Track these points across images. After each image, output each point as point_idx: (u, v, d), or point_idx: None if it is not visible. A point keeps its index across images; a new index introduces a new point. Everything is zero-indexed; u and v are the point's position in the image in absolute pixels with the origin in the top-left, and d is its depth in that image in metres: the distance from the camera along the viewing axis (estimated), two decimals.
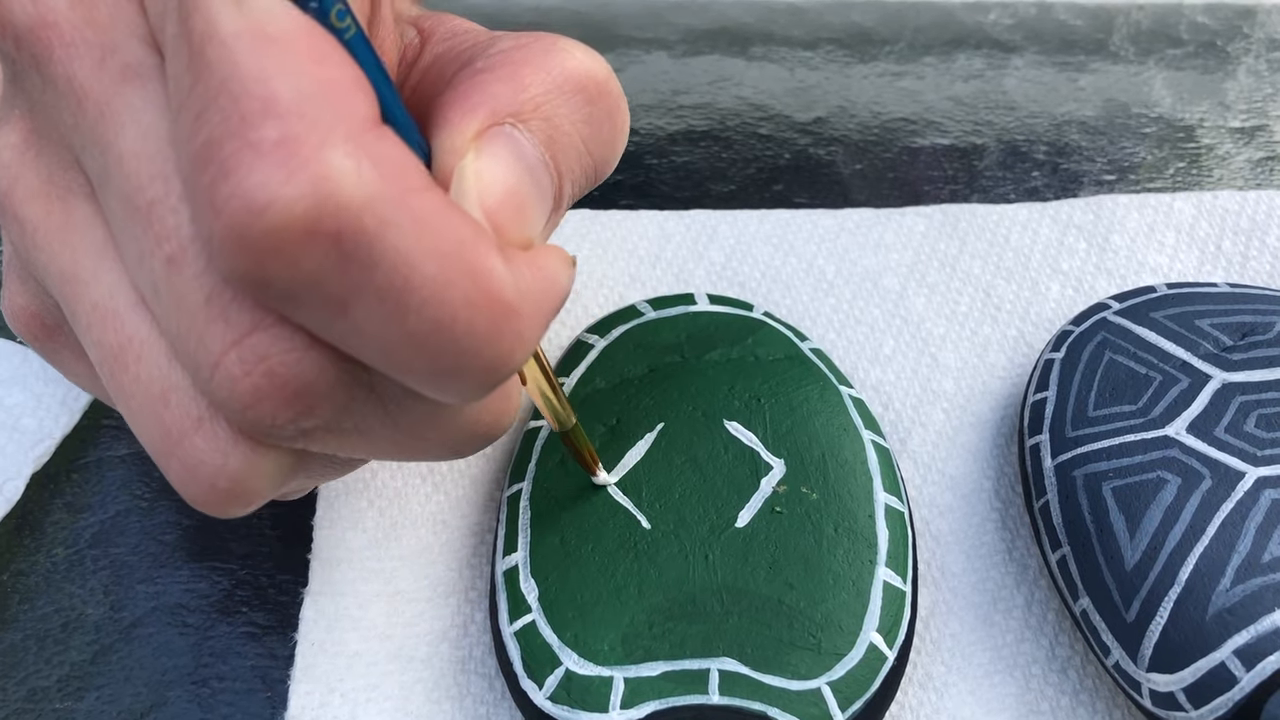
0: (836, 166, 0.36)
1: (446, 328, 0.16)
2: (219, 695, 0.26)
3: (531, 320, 0.17)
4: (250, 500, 0.19)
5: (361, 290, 0.15)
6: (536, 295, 0.17)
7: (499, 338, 0.16)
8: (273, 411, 0.17)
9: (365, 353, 0.16)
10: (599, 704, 0.23)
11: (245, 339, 0.16)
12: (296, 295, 0.15)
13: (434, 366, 0.16)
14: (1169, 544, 0.24)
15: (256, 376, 0.16)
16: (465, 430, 0.20)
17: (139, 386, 0.18)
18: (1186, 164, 0.36)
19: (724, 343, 0.29)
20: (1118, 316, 0.28)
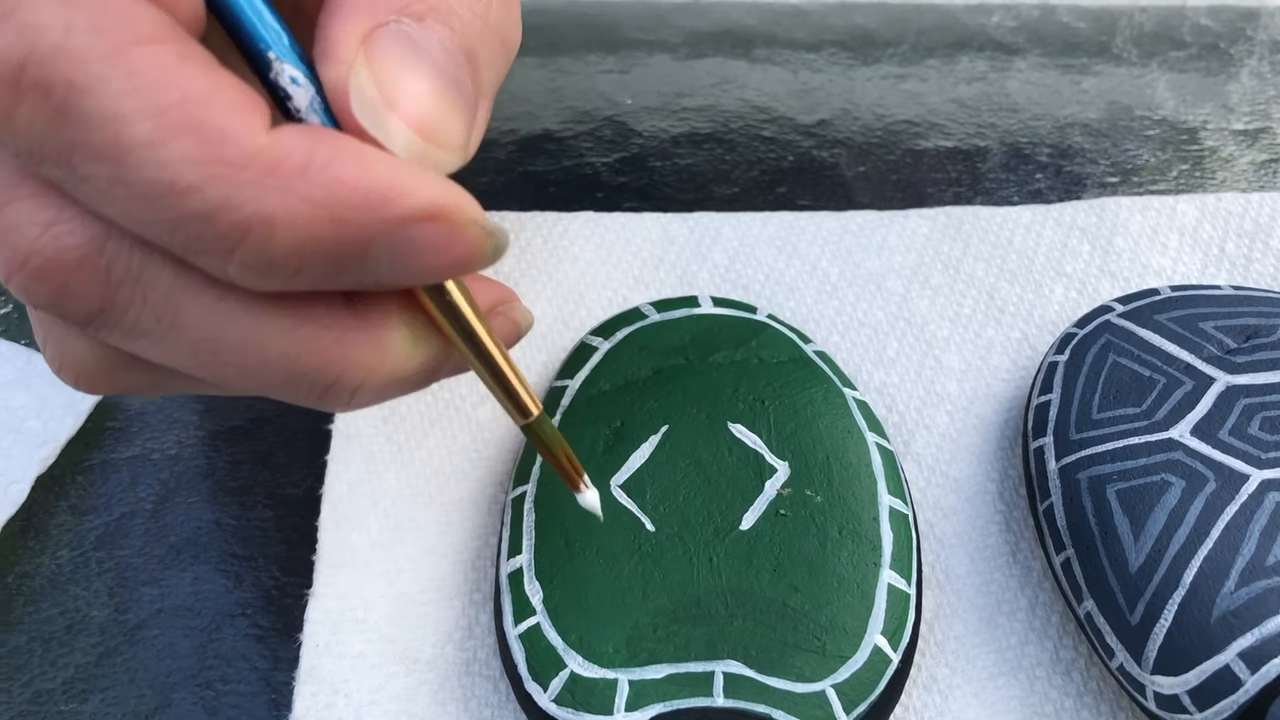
0: (840, 169, 0.36)
1: (170, 190, 0.15)
2: (224, 697, 0.26)
3: (294, 203, 0.15)
4: (84, 380, 0.19)
5: (79, 146, 0.15)
6: (321, 183, 0.15)
7: (232, 203, 0.15)
8: (25, 285, 0.17)
9: (109, 212, 0.16)
10: (603, 706, 0.23)
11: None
12: (22, 147, 0.15)
13: (174, 231, 0.15)
14: (1173, 547, 0.24)
15: (5, 249, 0.16)
16: (274, 360, 0.18)
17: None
18: (1190, 166, 0.36)
19: (728, 345, 0.29)
20: (1121, 319, 0.28)
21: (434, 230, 0.16)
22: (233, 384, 0.19)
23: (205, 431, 0.30)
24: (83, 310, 0.17)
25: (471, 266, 0.17)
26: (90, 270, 0.17)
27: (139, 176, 0.15)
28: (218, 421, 0.30)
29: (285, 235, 0.15)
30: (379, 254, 0.16)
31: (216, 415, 0.30)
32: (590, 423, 0.27)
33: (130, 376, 0.19)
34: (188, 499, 0.29)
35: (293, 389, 0.18)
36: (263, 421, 0.30)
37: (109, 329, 0.17)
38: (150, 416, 0.30)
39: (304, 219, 0.15)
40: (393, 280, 0.17)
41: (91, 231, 0.16)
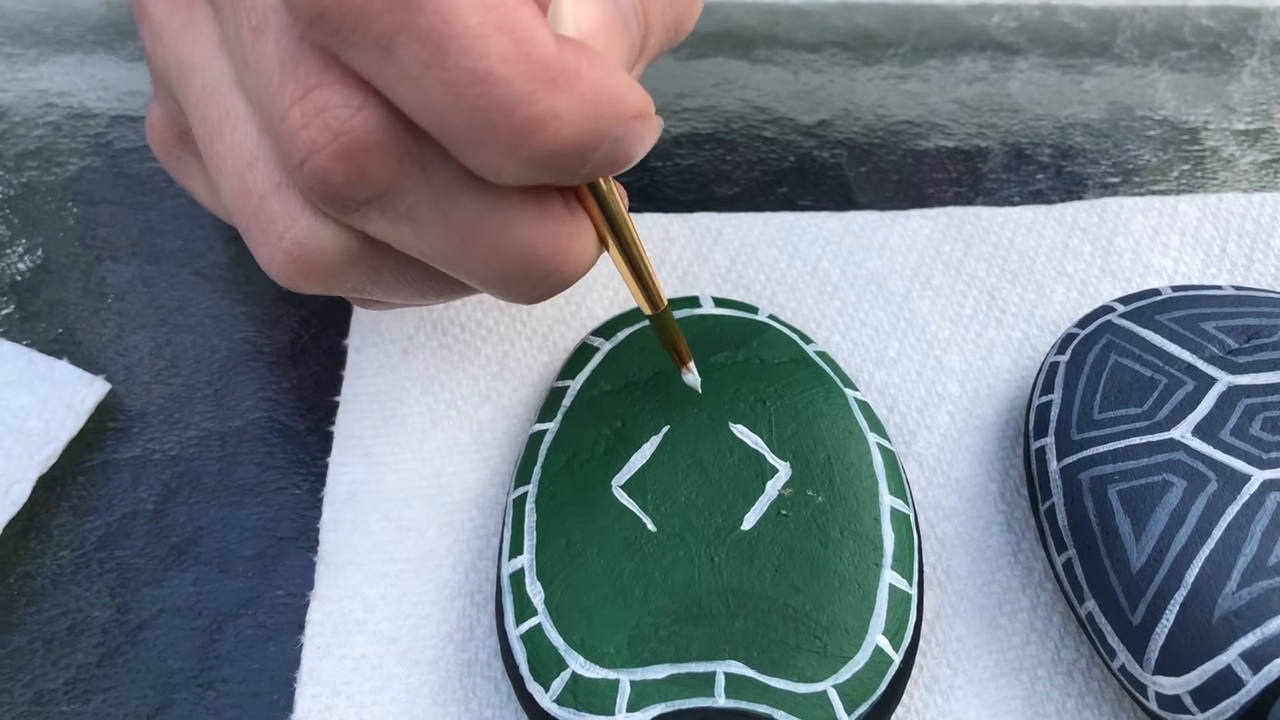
0: (841, 169, 0.36)
1: (482, 79, 0.17)
2: (225, 698, 0.26)
3: (572, 102, 0.17)
4: (311, 270, 0.20)
5: (405, 31, 0.16)
6: (585, 85, 0.17)
7: (532, 99, 0.17)
8: (325, 166, 0.18)
9: (410, 101, 0.17)
10: (605, 707, 0.23)
11: (309, 93, 0.18)
12: (348, 29, 0.17)
13: (469, 120, 0.17)
14: (1175, 547, 0.24)
15: (314, 128, 0.18)
16: (517, 248, 0.20)
17: (230, 153, 0.20)
18: (1191, 166, 0.36)
19: (729, 345, 0.29)
20: (1123, 319, 0.28)
21: (642, 124, 0.19)
22: (469, 270, 0.20)
23: (206, 432, 0.30)
24: (369, 192, 0.19)
25: (644, 153, 0.20)
26: (389, 151, 0.18)
27: (458, 63, 0.16)
28: (219, 422, 0.30)
29: (567, 131, 0.17)
30: (606, 146, 0.18)
31: (218, 416, 0.30)
32: (591, 423, 0.27)
33: (358, 269, 0.21)
34: (189, 500, 0.29)
35: (519, 277, 0.20)
36: (264, 422, 0.30)
37: (381, 212, 0.19)
38: (151, 417, 0.30)
39: (579, 116, 0.17)
40: (600, 171, 0.19)
41: (394, 116, 0.18)
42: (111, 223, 0.35)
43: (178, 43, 0.21)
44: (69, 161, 0.36)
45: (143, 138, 0.37)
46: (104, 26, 0.40)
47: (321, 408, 0.30)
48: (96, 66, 0.39)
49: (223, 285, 0.33)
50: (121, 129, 0.37)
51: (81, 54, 0.39)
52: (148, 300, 0.33)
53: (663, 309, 0.24)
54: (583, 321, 0.31)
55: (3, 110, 0.37)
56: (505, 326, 0.31)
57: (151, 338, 0.32)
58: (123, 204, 0.35)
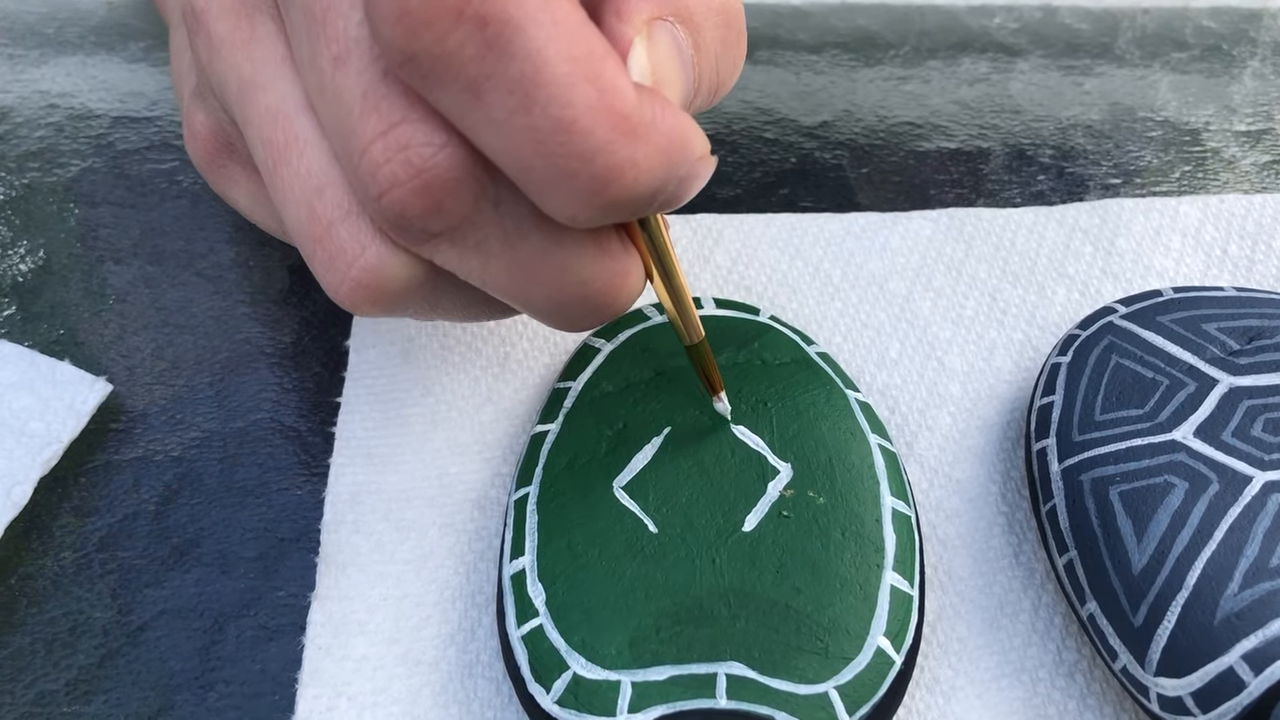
0: (842, 170, 0.36)
1: (566, 128, 0.17)
2: (226, 699, 0.26)
3: (649, 150, 0.18)
4: (379, 298, 0.21)
5: (495, 78, 0.17)
6: (660, 134, 0.18)
7: (613, 149, 0.17)
8: (404, 200, 0.18)
9: (493, 145, 0.18)
10: (606, 708, 0.23)
11: (392, 129, 0.18)
12: (439, 74, 0.17)
13: (550, 166, 0.17)
14: (1176, 548, 0.24)
15: (396, 164, 0.18)
16: (576, 283, 0.21)
17: (298, 179, 0.20)
18: (1192, 168, 0.36)
19: (730, 346, 0.29)
20: (1124, 320, 0.28)
21: (704, 164, 0.20)
22: (526, 302, 0.21)
23: (208, 433, 0.30)
24: (442, 225, 0.19)
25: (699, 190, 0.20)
26: (466, 189, 0.19)
27: (544, 111, 0.17)
28: (221, 423, 0.30)
29: (644, 179, 0.18)
30: (672, 187, 0.19)
31: (219, 417, 0.30)
32: (593, 424, 0.27)
33: (422, 295, 0.22)
34: (191, 500, 0.29)
35: (573, 309, 0.21)
36: (266, 423, 0.30)
37: (451, 245, 0.20)
38: (153, 418, 0.30)
39: (655, 164, 0.18)
40: (661, 210, 0.20)
41: (473, 154, 0.18)
42: (113, 224, 0.35)
43: (239, 59, 0.21)
44: (71, 163, 0.36)
45: (145, 139, 0.37)
46: (106, 28, 0.40)
47: (323, 409, 0.30)
48: (98, 68, 0.39)
49: (224, 286, 0.33)
50: (123, 130, 0.37)
51: (83, 55, 0.39)
52: (149, 301, 0.33)
53: (701, 339, 0.25)
54: None
55: (4, 111, 0.37)
56: (506, 328, 0.31)
57: (153, 339, 0.32)
58: (124, 205, 0.35)
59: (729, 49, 0.23)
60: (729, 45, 0.23)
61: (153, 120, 0.38)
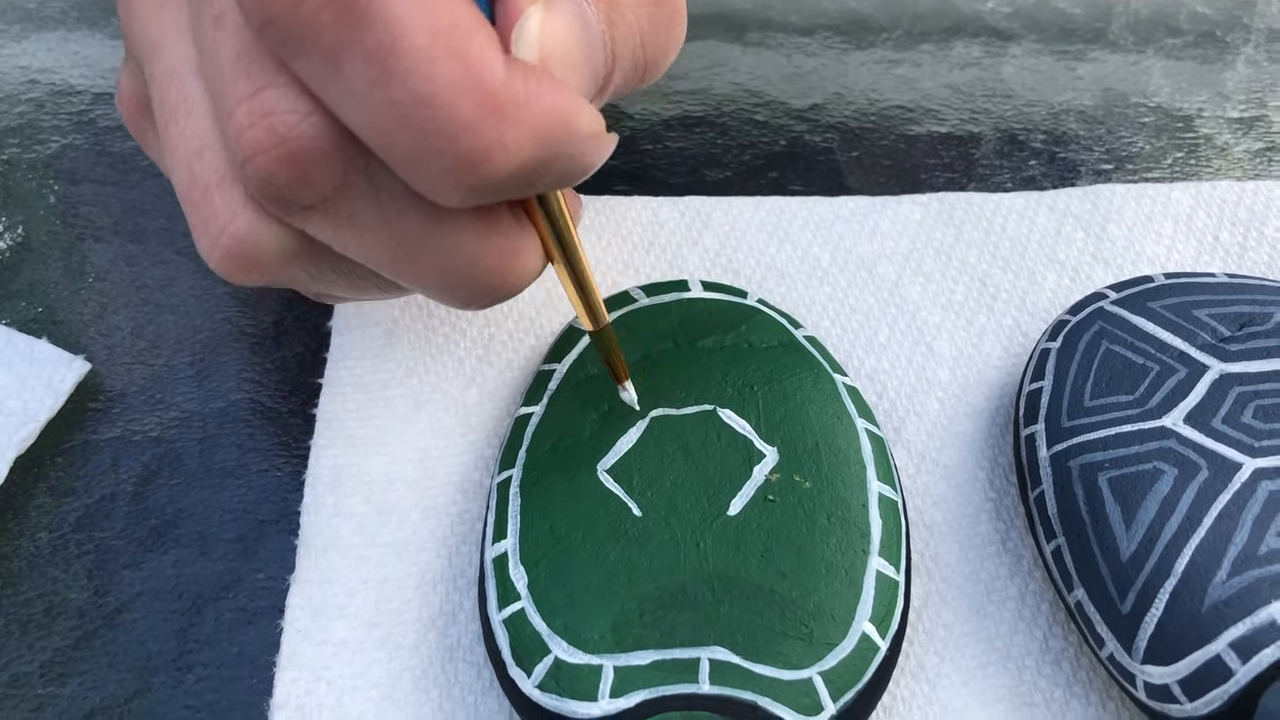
0: (832, 153, 0.36)
1: (426, 103, 0.16)
2: (204, 682, 0.26)
3: (520, 131, 0.17)
4: (249, 266, 0.20)
5: (353, 47, 0.16)
6: (534, 113, 0.17)
7: (478, 129, 0.17)
8: (267, 168, 0.18)
9: (354, 118, 0.17)
10: (588, 693, 0.22)
11: (258, 93, 0.18)
12: (296, 41, 0.16)
13: (413, 144, 0.17)
14: (1165, 535, 0.23)
15: (260, 130, 0.18)
16: (462, 262, 0.20)
17: (183, 140, 0.20)
18: (1185, 154, 0.36)
19: (717, 330, 0.28)
20: (1115, 306, 0.28)
21: (594, 144, 0.19)
22: (411, 280, 0.20)
23: (188, 413, 0.30)
24: (312, 197, 0.19)
25: (595, 168, 0.20)
26: (334, 160, 0.18)
27: (403, 85, 0.16)
28: (201, 403, 0.30)
29: (513, 160, 0.17)
30: (556, 168, 0.18)
31: (199, 397, 0.30)
32: (577, 407, 0.27)
33: (298, 267, 0.21)
34: (169, 481, 0.29)
35: (461, 289, 0.21)
36: (246, 404, 0.30)
37: (323, 217, 0.19)
38: (132, 398, 0.30)
39: (525, 144, 0.17)
40: (549, 189, 0.19)
41: (342, 125, 0.18)
42: (93, 201, 0.34)
43: (148, 19, 0.21)
44: (51, 139, 0.36)
45: None
46: (87, 3, 0.39)
47: (304, 390, 0.30)
48: (80, 43, 0.38)
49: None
50: (105, 106, 0.36)
51: (65, 30, 0.38)
52: (129, 280, 0.32)
53: (604, 325, 0.24)
54: (569, 305, 0.31)
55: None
56: (491, 310, 0.31)
57: (133, 317, 0.32)
58: (105, 182, 0.35)
59: (659, 27, 0.22)
60: (659, 24, 0.22)
61: None
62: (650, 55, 0.22)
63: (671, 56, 0.23)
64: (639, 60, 0.22)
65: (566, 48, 0.19)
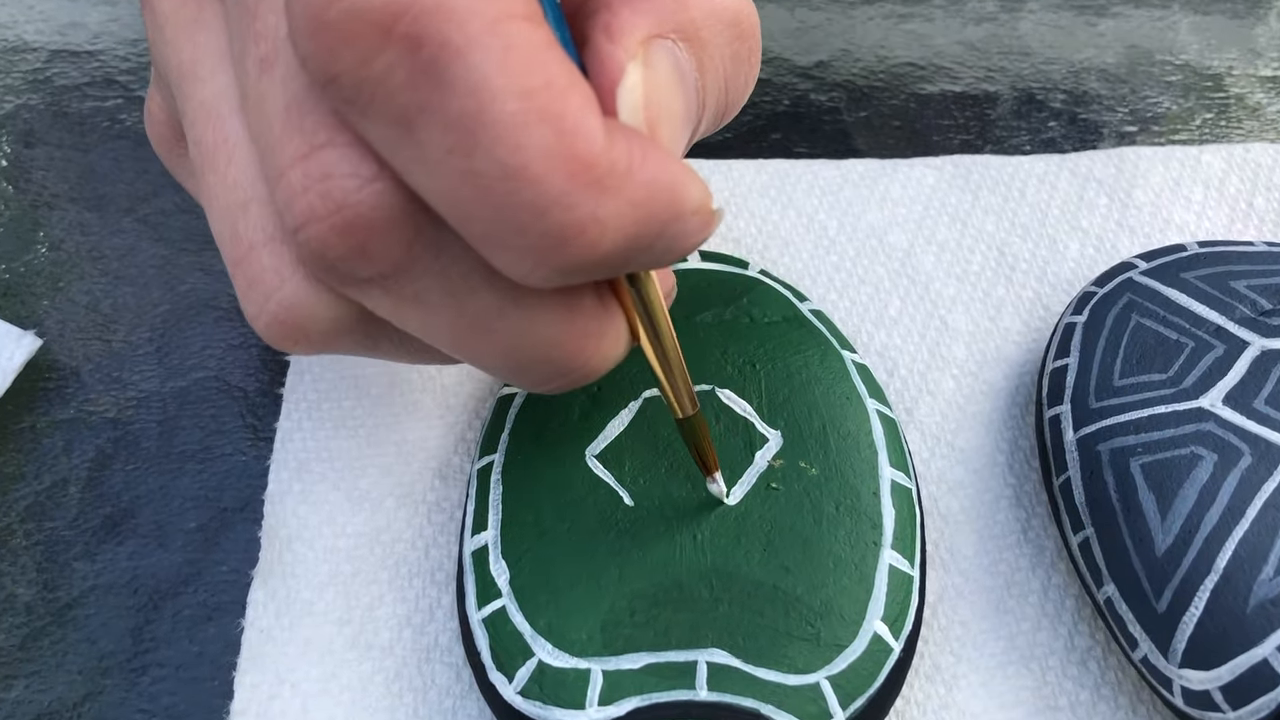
0: (839, 114, 0.34)
1: (514, 175, 0.15)
2: (160, 684, 0.24)
3: (619, 205, 0.15)
4: (298, 336, 0.19)
5: (431, 110, 0.14)
6: (636, 185, 0.15)
7: (569, 201, 0.15)
8: (324, 238, 0.16)
9: (427, 187, 0.15)
10: (574, 699, 0.21)
11: (314, 153, 0.16)
12: (364, 99, 0.15)
13: (496, 219, 0.15)
14: (1205, 527, 0.22)
15: (314, 195, 0.16)
16: (538, 346, 0.18)
17: (224, 190, 0.18)
18: (1214, 115, 0.34)
19: (716, 303, 0.27)
20: (1145, 277, 0.27)
21: (699, 220, 0.17)
22: (478, 361, 0.19)
23: (147, 393, 0.28)
24: (371, 271, 0.17)
25: (698, 247, 0.18)
26: (399, 232, 0.16)
27: (488, 154, 0.14)
28: (160, 382, 0.29)
29: (611, 238, 0.15)
30: (658, 247, 0.17)
31: (159, 375, 0.29)
32: None
33: (352, 339, 0.19)
34: (126, 466, 0.27)
35: (535, 372, 0.19)
36: (210, 382, 0.29)
37: (384, 292, 0.17)
38: (87, 376, 0.29)
39: (626, 221, 0.15)
40: (646, 267, 0.18)
41: (409, 193, 0.16)
42: (48, 165, 0.33)
43: (180, 42, 0.19)
44: (4, 99, 0.34)
45: (85, 74, 0.35)
46: None
47: (272, 367, 0.29)
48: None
49: (168, 234, 0.31)
50: (62, 64, 0.35)
51: None
52: (86, 249, 0.31)
53: (694, 414, 0.22)
54: None
55: None
56: None
57: (89, 290, 0.30)
58: (62, 145, 0.33)
59: (740, 66, 0.20)
60: (740, 62, 0.20)
61: (95, 55, 0.35)
62: (733, 98, 0.21)
63: (747, 95, 0.21)
64: (721, 105, 0.20)
65: (670, 106, 0.17)
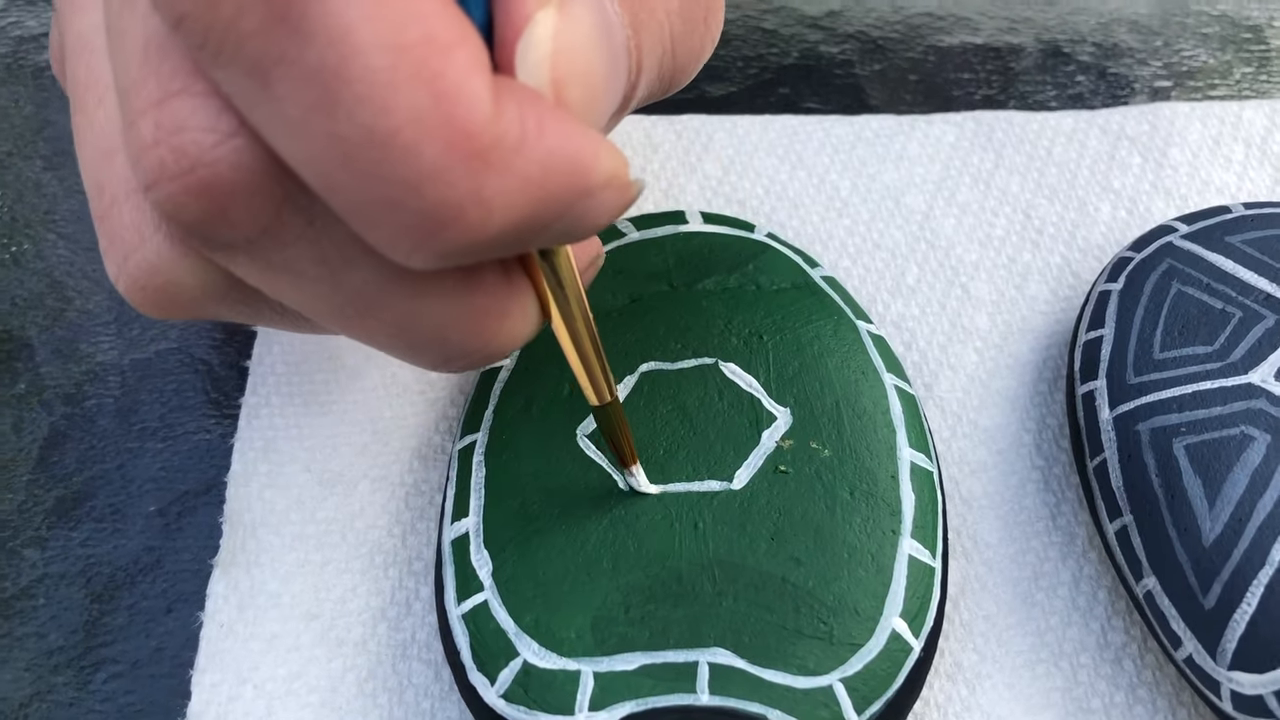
0: (852, 67, 0.33)
1: (381, 143, 0.13)
2: (115, 681, 0.23)
3: (509, 183, 0.14)
4: (165, 303, 0.17)
5: (288, 62, 0.13)
6: (530, 160, 0.14)
7: (451, 181, 0.13)
8: (176, 199, 0.15)
9: (287, 148, 0.14)
10: (563, 704, 0.20)
11: (167, 100, 0.14)
12: (214, 44, 0.13)
13: (362, 192, 0.14)
14: (1257, 515, 0.21)
15: (165, 150, 0.14)
16: (426, 326, 0.17)
17: (92, 134, 0.17)
18: (1254, 69, 0.33)
19: (720, 269, 0.26)
20: (1186, 241, 0.25)
21: (612, 194, 0.15)
22: (363, 338, 0.17)
23: (104, 364, 0.27)
24: (232, 236, 0.15)
25: (613, 220, 0.16)
26: (262, 196, 0.15)
27: (350, 117, 0.13)
28: (119, 354, 0.27)
29: (498, 219, 0.14)
30: (559, 226, 0.15)
31: (118, 346, 0.27)
32: (553, 359, 0.24)
33: (225, 307, 0.18)
34: (80, 445, 0.26)
35: (430, 354, 0.17)
36: (172, 354, 0.27)
37: (253, 258, 0.16)
38: (39, 347, 0.27)
39: (516, 199, 0.14)
40: (551, 244, 0.16)
41: (273, 153, 0.14)
42: (1, 118, 0.31)
43: None
44: None
45: (43, 24, 0.33)
46: None
47: (239, 338, 0.27)
48: None
49: None
50: (19, 13, 0.34)
51: None
52: (40, 211, 0.30)
53: (610, 400, 0.21)
54: None
55: None
56: None
57: (42, 255, 0.29)
58: (17, 99, 0.32)
59: (692, 27, 0.18)
60: (692, 22, 0.18)
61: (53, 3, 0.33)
62: (681, 62, 0.19)
63: (704, 60, 0.19)
64: (666, 69, 0.18)
65: (586, 66, 0.16)
